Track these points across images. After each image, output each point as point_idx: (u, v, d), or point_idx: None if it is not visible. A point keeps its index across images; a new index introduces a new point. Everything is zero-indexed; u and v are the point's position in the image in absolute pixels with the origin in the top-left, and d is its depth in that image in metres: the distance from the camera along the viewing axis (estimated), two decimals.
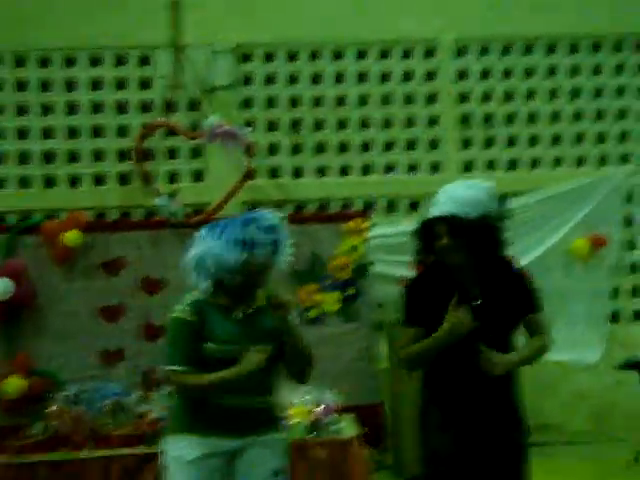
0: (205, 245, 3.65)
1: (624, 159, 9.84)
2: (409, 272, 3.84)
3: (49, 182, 9.09)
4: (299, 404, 7.10)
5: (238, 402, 3.56)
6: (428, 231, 3.57)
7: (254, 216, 3.72)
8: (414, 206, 9.24)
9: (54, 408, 6.96)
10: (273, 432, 3.70)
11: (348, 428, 6.97)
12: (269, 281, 3.77)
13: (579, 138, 9.84)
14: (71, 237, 7.83)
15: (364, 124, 9.58)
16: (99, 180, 9.15)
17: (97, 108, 9.21)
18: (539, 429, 9.05)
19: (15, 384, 7.51)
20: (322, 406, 7.04)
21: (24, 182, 9.07)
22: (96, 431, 6.79)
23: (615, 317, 9.59)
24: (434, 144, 9.65)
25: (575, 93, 9.85)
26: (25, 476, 6.46)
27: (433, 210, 3.59)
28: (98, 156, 9.18)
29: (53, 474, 6.48)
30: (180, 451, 3.57)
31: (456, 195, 3.59)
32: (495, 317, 3.56)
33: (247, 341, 3.56)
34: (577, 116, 9.84)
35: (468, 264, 3.58)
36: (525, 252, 9.10)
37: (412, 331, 3.61)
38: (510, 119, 9.78)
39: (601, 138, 9.86)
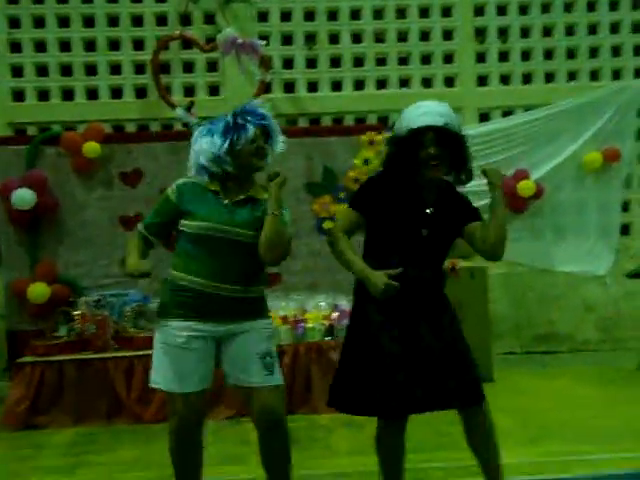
0: (197, 145, 3.79)
1: (638, 73, 9.80)
2: None
3: (67, 94, 9.19)
4: (315, 309, 7.32)
5: (214, 287, 3.66)
6: (413, 141, 3.62)
7: (239, 107, 3.85)
8: None
9: (78, 312, 7.19)
10: (256, 319, 3.78)
11: None
12: (264, 166, 3.84)
13: (594, 51, 9.80)
14: (90, 148, 7.96)
15: (379, 37, 9.58)
16: (116, 93, 9.24)
17: (113, 21, 9.24)
18: (549, 338, 9.34)
19: (39, 290, 7.72)
20: (337, 312, 7.24)
21: (43, 94, 9.17)
22: (119, 334, 7.02)
23: (625, 229, 9.69)
24: (449, 57, 9.65)
25: (591, 6, 9.79)
26: (53, 375, 6.73)
27: (417, 121, 3.63)
28: (115, 69, 9.25)
29: (79, 373, 6.75)
30: (165, 335, 3.71)
31: (438, 109, 3.67)
32: (444, 225, 3.69)
33: (224, 224, 3.67)
34: (592, 29, 9.79)
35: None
36: (539, 165, 9.21)
37: (354, 215, 3.72)
38: (525, 32, 9.75)
39: (616, 51, 9.83)
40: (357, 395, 3.75)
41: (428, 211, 3.72)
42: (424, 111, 3.70)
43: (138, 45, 9.25)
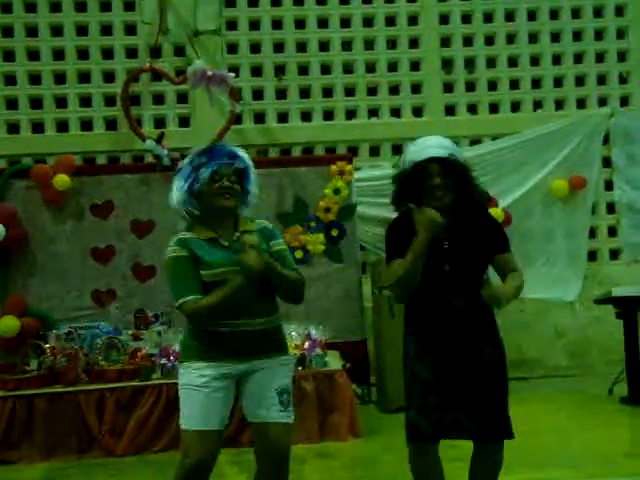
0: (185, 161, 3.77)
1: (603, 101, 9.97)
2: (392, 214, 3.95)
3: (37, 127, 9.19)
4: (287, 339, 7.31)
5: (235, 327, 3.64)
6: (418, 174, 3.69)
7: (202, 147, 3.80)
8: (398, 149, 9.37)
9: (48, 346, 7.15)
10: (277, 354, 3.75)
11: (334, 362, 7.21)
12: (242, 207, 3.79)
13: (559, 81, 9.97)
14: (61, 181, 7.98)
15: (348, 68, 9.70)
16: (87, 125, 9.26)
17: (83, 53, 9.28)
18: (518, 364, 9.36)
19: (9, 324, 7.71)
20: (309, 341, 7.26)
21: (13, 127, 9.16)
22: (90, 367, 6.99)
23: (593, 255, 9.80)
24: (417, 87, 9.78)
25: (555, 37, 9.97)
26: (23, 409, 6.66)
27: (421, 154, 3.70)
28: (85, 101, 9.27)
29: (50, 407, 6.68)
30: (188, 377, 3.69)
31: (441, 142, 3.75)
32: (464, 258, 3.71)
33: (236, 265, 3.68)
34: (557, 58, 9.96)
35: (447, 206, 3.73)
36: (506, 193, 9.35)
37: (396, 263, 3.76)
38: (491, 62, 9.90)
39: (581, 80, 10.00)
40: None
41: (445, 245, 3.75)
42: (427, 145, 3.77)
43: (108, 77, 9.30)
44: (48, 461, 6.57)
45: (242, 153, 3.84)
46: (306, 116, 9.63)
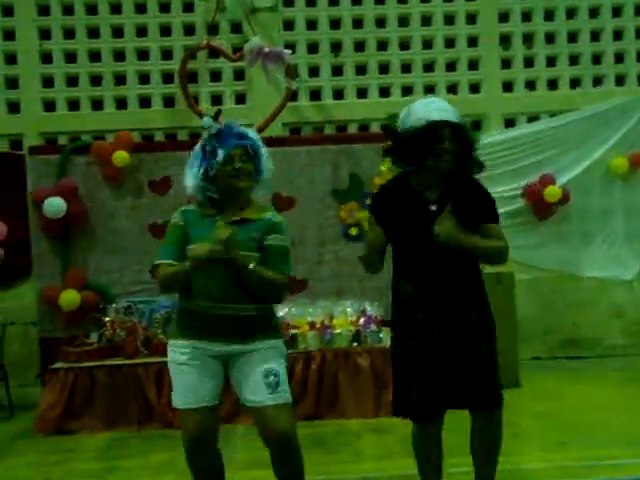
0: (197, 147, 3.82)
1: None
2: None
3: (97, 104, 9.33)
4: (342, 315, 7.37)
5: (215, 309, 3.66)
6: (430, 132, 3.67)
7: (214, 132, 3.81)
8: None
9: (108, 319, 7.30)
10: (260, 339, 3.75)
11: (388, 338, 7.20)
12: (254, 192, 3.84)
13: (620, 57, 9.79)
14: (120, 157, 8.08)
15: (404, 45, 9.64)
16: (145, 102, 9.37)
17: (141, 31, 9.37)
18: (575, 343, 9.32)
19: (70, 297, 7.85)
20: (364, 317, 7.29)
21: (73, 104, 9.31)
22: (149, 340, 7.12)
23: None
24: (474, 64, 9.69)
25: (617, 12, 9.78)
26: (84, 380, 6.83)
27: (434, 114, 3.68)
28: (144, 78, 9.38)
29: (110, 379, 6.84)
30: (172, 355, 3.77)
31: (451, 107, 3.75)
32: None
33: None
34: (618, 34, 9.78)
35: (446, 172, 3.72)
36: (565, 170, 9.24)
37: (376, 229, 3.76)
38: (550, 38, 9.76)
39: None
40: (395, 398, 3.85)
41: (433, 208, 3.74)
42: (438, 107, 3.78)
43: (166, 55, 9.38)
44: (109, 431, 6.73)
45: (251, 133, 3.86)
46: (362, 93, 9.60)
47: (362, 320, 7.24)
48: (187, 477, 5.24)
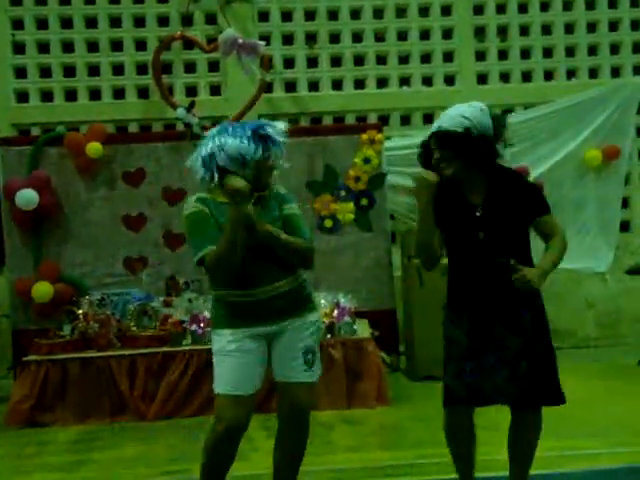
0: (219, 141, 3.71)
1: (638, 69, 9.85)
2: None
3: (70, 95, 9.26)
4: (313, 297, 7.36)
5: (251, 295, 3.70)
6: (427, 150, 3.77)
7: (267, 121, 3.89)
8: (429, 118, 9.32)
9: (81, 311, 7.26)
10: (302, 313, 3.81)
11: (362, 330, 7.25)
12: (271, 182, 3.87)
13: (593, 49, 9.84)
14: (93, 148, 8.04)
15: (379, 36, 9.64)
16: (119, 93, 9.31)
17: (115, 22, 9.31)
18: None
19: (43, 290, 7.82)
20: (338, 309, 7.30)
21: (46, 95, 9.23)
22: (122, 333, 7.09)
23: (625, 226, 9.73)
24: (449, 56, 9.70)
25: (590, 4, 9.82)
26: (56, 373, 6.80)
27: (433, 127, 3.80)
28: (117, 69, 9.32)
29: (82, 372, 6.81)
30: (220, 344, 3.78)
31: (447, 113, 3.79)
32: (498, 225, 3.71)
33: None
34: (592, 27, 9.83)
35: (465, 175, 3.73)
36: (539, 162, 9.26)
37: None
38: (524, 30, 9.79)
39: (615, 48, 9.86)
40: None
41: (478, 214, 3.77)
42: (440, 117, 3.82)
43: (140, 46, 9.32)
44: (81, 424, 6.71)
45: (282, 136, 3.88)
46: (337, 85, 9.60)
47: (336, 312, 7.24)
48: (159, 469, 5.27)
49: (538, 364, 3.74)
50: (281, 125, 3.91)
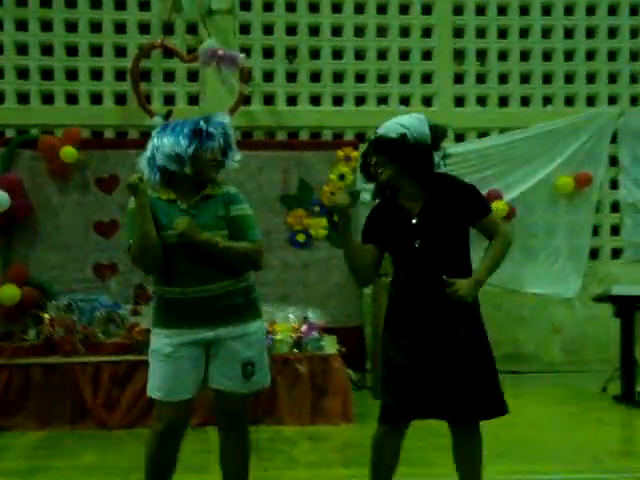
0: (157, 140, 3.76)
1: (613, 99, 9.97)
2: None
3: (47, 98, 9.21)
4: (284, 321, 7.37)
5: (189, 293, 3.68)
6: (366, 158, 3.87)
7: (206, 115, 3.85)
8: None
9: (47, 316, 7.20)
10: (243, 322, 3.78)
11: (330, 346, 7.24)
12: (217, 178, 3.84)
13: (570, 77, 9.95)
14: (67, 153, 8.00)
15: (359, 55, 9.69)
16: (96, 98, 9.27)
17: (96, 27, 9.28)
18: (514, 358, 9.42)
19: (9, 293, 7.74)
20: (306, 325, 7.30)
21: (22, 97, 9.17)
22: (88, 339, 7.04)
23: (595, 254, 9.82)
24: (427, 77, 9.77)
25: (568, 33, 9.94)
26: (19, 377, 6.73)
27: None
28: (96, 75, 9.28)
29: (46, 377, 6.74)
30: (156, 344, 3.76)
31: (385, 124, 3.87)
32: (436, 231, 3.74)
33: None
34: (569, 55, 9.94)
35: (400, 182, 3.78)
36: (512, 187, 9.37)
37: (368, 247, 3.85)
38: (503, 56, 9.89)
39: (592, 78, 9.98)
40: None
41: (414, 221, 3.79)
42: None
43: (120, 52, 9.30)
44: (42, 430, 6.63)
45: (229, 128, 3.87)
46: (315, 100, 9.63)
47: (304, 327, 7.24)
48: (118, 478, 5.22)
49: (476, 378, 3.72)
50: (221, 118, 3.86)
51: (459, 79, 9.83)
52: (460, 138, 9.69)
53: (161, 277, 3.78)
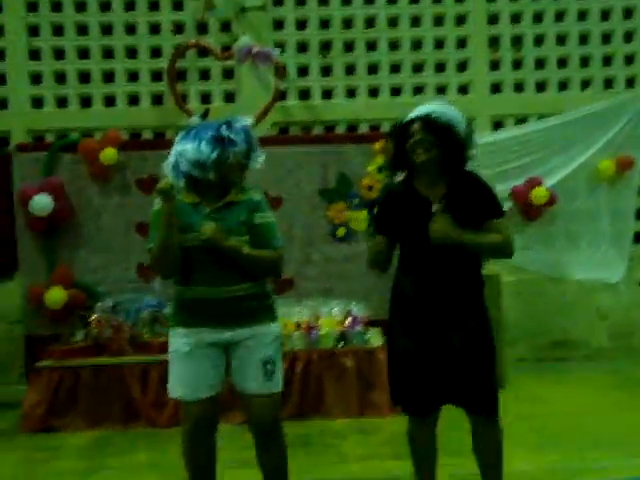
0: (180, 146, 3.84)
1: None
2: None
3: (85, 102, 9.29)
4: (328, 316, 7.38)
5: (208, 293, 3.73)
6: (402, 133, 3.78)
7: (227, 119, 3.90)
8: None
9: (94, 317, 7.28)
10: (260, 323, 3.82)
11: (374, 339, 7.25)
12: (243, 181, 3.90)
13: (608, 60, 9.83)
14: (107, 155, 8.06)
15: (394, 45, 9.65)
16: (133, 100, 9.34)
17: (131, 29, 9.34)
18: (561, 345, 9.35)
19: (56, 295, 7.82)
20: (350, 318, 7.30)
21: (61, 102, 9.26)
22: (135, 339, 7.11)
23: (639, 237, 9.69)
24: (463, 65, 9.71)
25: (605, 15, 9.82)
26: (69, 379, 6.83)
27: (407, 118, 3.82)
28: (132, 76, 9.35)
29: (95, 378, 6.84)
30: (175, 344, 3.81)
31: (428, 106, 3.84)
32: (456, 221, 3.72)
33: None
34: (606, 37, 9.82)
35: (432, 169, 3.75)
36: (552, 173, 9.25)
37: (379, 239, 3.84)
38: (539, 41, 9.79)
39: (630, 59, 9.85)
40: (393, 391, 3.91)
41: (434, 209, 3.77)
42: (417, 110, 3.84)
43: (155, 53, 9.35)
44: (92, 430, 6.73)
45: (252, 128, 3.93)
46: (351, 93, 9.61)
47: (348, 321, 7.25)
48: (170, 476, 5.27)
49: (476, 373, 3.75)
50: (244, 121, 3.90)
51: (495, 66, 9.75)
52: (498, 125, 9.62)
53: (181, 278, 3.84)
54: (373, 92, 9.62)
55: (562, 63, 9.80)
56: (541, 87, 9.79)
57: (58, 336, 7.47)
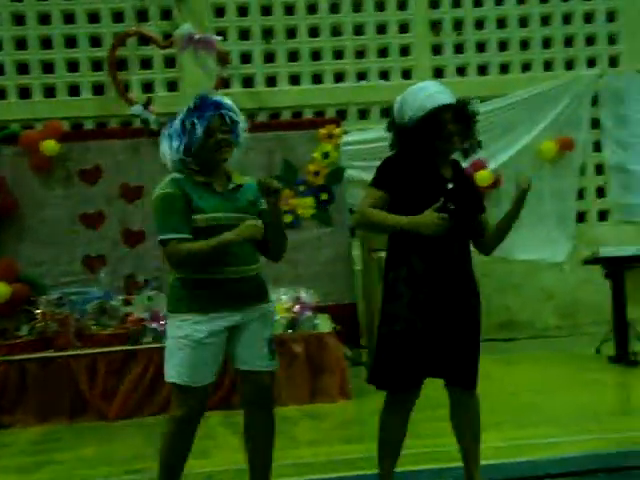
0: (162, 145, 3.76)
1: (592, 62, 9.96)
2: None
3: (24, 93, 9.14)
4: (277, 302, 7.36)
5: (233, 273, 3.69)
6: (434, 119, 3.71)
7: (192, 101, 3.78)
8: (386, 112, 9.32)
9: (39, 311, 7.18)
10: (264, 303, 3.84)
11: (324, 325, 7.25)
12: (232, 161, 3.81)
13: (548, 42, 9.94)
14: (49, 146, 7.96)
15: (336, 31, 9.65)
16: (74, 90, 9.21)
17: (69, 18, 9.20)
18: (507, 325, 9.47)
19: (1, 290, 7.70)
20: (298, 305, 7.30)
21: (0, 94, 9.10)
22: (82, 332, 7.02)
23: (581, 217, 9.85)
24: (405, 50, 9.74)
25: None
26: (15, 374, 6.71)
27: (434, 100, 3.71)
28: (72, 66, 9.22)
29: (42, 372, 6.73)
30: (186, 330, 3.69)
31: (447, 89, 3.80)
32: (466, 200, 3.76)
33: (230, 212, 3.71)
34: (545, 20, 9.93)
35: (450, 154, 3.79)
36: (495, 155, 9.37)
37: (379, 194, 3.75)
38: (480, 24, 9.86)
39: (569, 41, 9.97)
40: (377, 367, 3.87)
41: (450, 186, 3.79)
42: (436, 90, 3.79)
43: (95, 42, 9.23)
44: (41, 425, 6.62)
45: (226, 100, 3.83)
46: (294, 79, 9.59)
47: (297, 307, 7.25)
48: (119, 468, 5.23)
49: (469, 348, 3.84)
50: (211, 99, 3.83)
51: (437, 50, 9.80)
52: None
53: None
54: (317, 78, 9.61)
55: (503, 46, 9.89)
56: (483, 70, 9.87)
57: (3, 331, 7.34)
